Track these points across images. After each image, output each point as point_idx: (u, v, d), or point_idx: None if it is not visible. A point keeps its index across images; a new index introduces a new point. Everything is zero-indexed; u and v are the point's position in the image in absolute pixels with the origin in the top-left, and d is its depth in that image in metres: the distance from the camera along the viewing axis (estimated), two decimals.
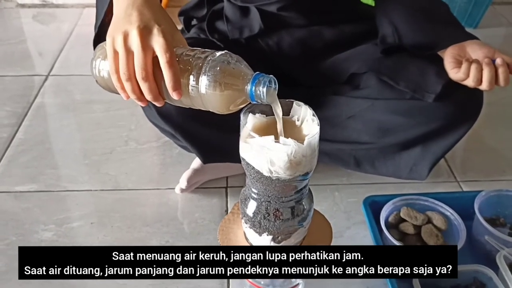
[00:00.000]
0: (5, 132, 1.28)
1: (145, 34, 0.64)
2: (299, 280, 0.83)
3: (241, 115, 0.67)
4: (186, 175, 1.07)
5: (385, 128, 1.00)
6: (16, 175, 1.14)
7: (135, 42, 0.63)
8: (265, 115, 0.69)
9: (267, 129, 0.67)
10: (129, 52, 0.64)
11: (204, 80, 0.62)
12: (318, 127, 0.65)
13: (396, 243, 0.87)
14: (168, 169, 1.17)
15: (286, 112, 0.71)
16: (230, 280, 0.91)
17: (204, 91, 0.62)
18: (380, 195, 1.00)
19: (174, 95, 0.63)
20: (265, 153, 0.64)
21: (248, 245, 0.76)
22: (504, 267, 0.84)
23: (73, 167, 1.18)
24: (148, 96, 0.65)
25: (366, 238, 0.98)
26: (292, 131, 0.69)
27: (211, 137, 1.01)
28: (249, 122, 0.67)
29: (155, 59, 0.64)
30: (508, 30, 1.91)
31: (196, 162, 1.10)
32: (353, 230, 1.01)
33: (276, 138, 0.63)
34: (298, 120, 0.69)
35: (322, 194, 1.10)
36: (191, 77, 0.63)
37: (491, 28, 1.90)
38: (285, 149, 0.62)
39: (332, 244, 0.79)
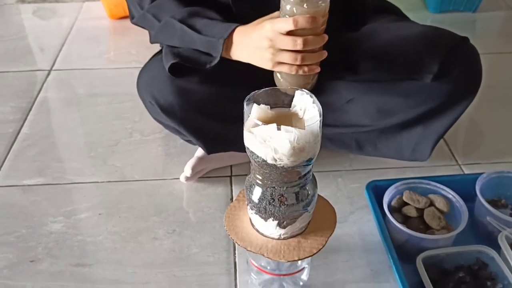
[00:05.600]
0: (11, 127, 1.29)
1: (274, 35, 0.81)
2: (304, 264, 0.85)
3: (245, 106, 0.68)
4: (190, 163, 1.08)
5: (384, 110, 1.01)
6: (23, 169, 1.16)
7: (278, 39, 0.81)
8: (269, 106, 0.70)
9: (271, 121, 0.68)
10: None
11: None
12: (319, 113, 0.67)
13: (400, 226, 0.89)
14: (173, 159, 1.18)
15: (288, 102, 0.72)
16: (237, 265, 0.93)
17: None
18: (382, 179, 1.01)
19: None
20: (268, 141, 0.65)
21: (254, 231, 0.78)
22: (506, 247, 0.85)
23: (79, 159, 1.19)
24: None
25: (370, 222, 0.99)
26: (296, 121, 0.70)
27: (215, 129, 1.02)
28: (254, 112, 0.68)
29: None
30: (507, 14, 1.91)
31: (201, 150, 1.11)
32: (356, 215, 1.03)
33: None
34: (300, 110, 0.70)
35: (325, 180, 1.11)
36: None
37: (490, 12, 1.90)
38: (287, 136, 0.64)
39: (336, 228, 0.80)
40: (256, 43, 0.84)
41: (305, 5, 0.77)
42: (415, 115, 1.01)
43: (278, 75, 0.87)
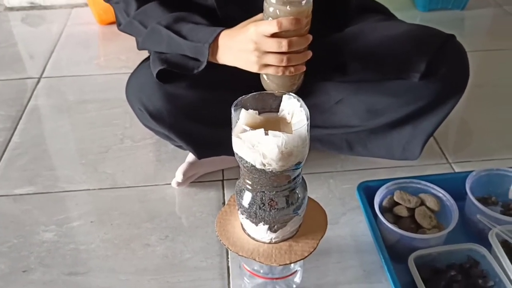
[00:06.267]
0: (1, 136, 1.29)
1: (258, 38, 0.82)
2: (297, 267, 0.85)
3: (233, 111, 0.68)
4: (181, 169, 1.08)
5: (373, 110, 1.01)
6: (14, 178, 1.16)
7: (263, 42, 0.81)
8: (257, 112, 0.70)
9: (259, 126, 0.68)
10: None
11: None
12: (306, 117, 0.67)
13: (391, 226, 0.89)
14: (164, 165, 1.18)
15: (276, 107, 0.72)
16: (230, 270, 0.93)
17: None
18: (373, 180, 1.01)
19: None
20: (256, 146, 0.65)
21: (246, 236, 0.78)
22: (497, 244, 0.86)
23: (70, 167, 1.19)
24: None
25: (361, 223, 1.00)
26: (284, 125, 0.71)
27: (204, 134, 1.02)
28: (242, 117, 0.68)
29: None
30: (495, 11, 1.92)
31: (191, 155, 1.11)
32: (348, 216, 1.03)
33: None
34: (288, 114, 0.71)
35: (316, 182, 1.11)
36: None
37: (479, 9, 1.91)
38: (275, 141, 0.64)
39: (328, 230, 0.81)
40: (241, 46, 0.84)
41: (288, 7, 0.77)
42: (404, 115, 1.02)
43: (265, 77, 0.88)
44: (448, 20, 1.83)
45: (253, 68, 0.85)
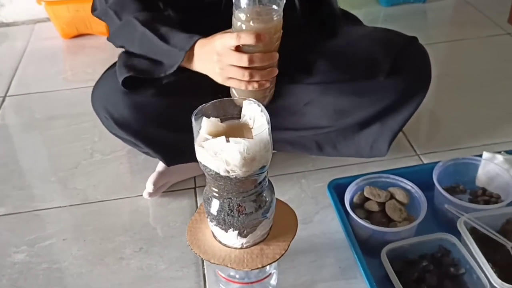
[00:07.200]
0: None
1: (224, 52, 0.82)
2: (272, 269, 0.86)
3: (194, 121, 0.68)
4: (151, 179, 1.08)
5: (341, 110, 1.03)
6: None
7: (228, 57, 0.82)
8: (219, 119, 0.70)
9: (222, 133, 0.68)
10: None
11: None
12: (267, 121, 0.67)
13: (362, 222, 0.90)
14: (135, 176, 1.17)
15: (238, 113, 0.72)
16: (206, 277, 0.93)
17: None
18: (343, 177, 1.03)
19: None
20: (219, 154, 0.65)
21: (217, 243, 0.78)
22: (465, 232, 0.87)
23: (40, 185, 1.17)
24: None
25: (334, 221, 1.00)
26: (247, 131, 0.71)
27: (172, 140, 1.01)
28: (204, 126, 0.68)
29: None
30: (456, 1, 1.95)
31: (161, 165, 1.11)
32: (321, 214, 1.04)
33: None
34: (250, 119, 0.71)
35: (289, 182, 1.12)
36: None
37: (440, 1, 1.95)
38: (237, 148, 0.64)
39: (299, 230, 0.81)
40: (207, 57, 0.85)
41: (251, 22, 0.78)
42: (371, 114, 1.04)
43: (233, 90, 0.88)
44: (411, 14, 1.86)
45: (218, 79, 0.87)
